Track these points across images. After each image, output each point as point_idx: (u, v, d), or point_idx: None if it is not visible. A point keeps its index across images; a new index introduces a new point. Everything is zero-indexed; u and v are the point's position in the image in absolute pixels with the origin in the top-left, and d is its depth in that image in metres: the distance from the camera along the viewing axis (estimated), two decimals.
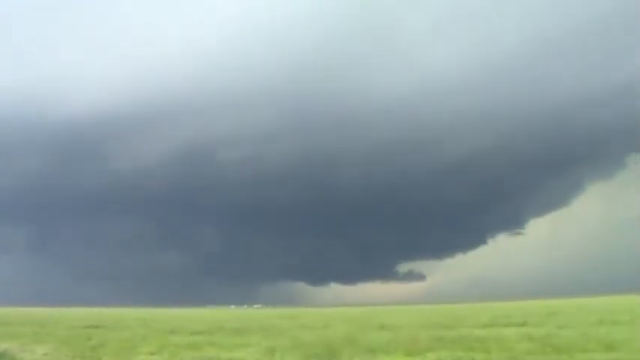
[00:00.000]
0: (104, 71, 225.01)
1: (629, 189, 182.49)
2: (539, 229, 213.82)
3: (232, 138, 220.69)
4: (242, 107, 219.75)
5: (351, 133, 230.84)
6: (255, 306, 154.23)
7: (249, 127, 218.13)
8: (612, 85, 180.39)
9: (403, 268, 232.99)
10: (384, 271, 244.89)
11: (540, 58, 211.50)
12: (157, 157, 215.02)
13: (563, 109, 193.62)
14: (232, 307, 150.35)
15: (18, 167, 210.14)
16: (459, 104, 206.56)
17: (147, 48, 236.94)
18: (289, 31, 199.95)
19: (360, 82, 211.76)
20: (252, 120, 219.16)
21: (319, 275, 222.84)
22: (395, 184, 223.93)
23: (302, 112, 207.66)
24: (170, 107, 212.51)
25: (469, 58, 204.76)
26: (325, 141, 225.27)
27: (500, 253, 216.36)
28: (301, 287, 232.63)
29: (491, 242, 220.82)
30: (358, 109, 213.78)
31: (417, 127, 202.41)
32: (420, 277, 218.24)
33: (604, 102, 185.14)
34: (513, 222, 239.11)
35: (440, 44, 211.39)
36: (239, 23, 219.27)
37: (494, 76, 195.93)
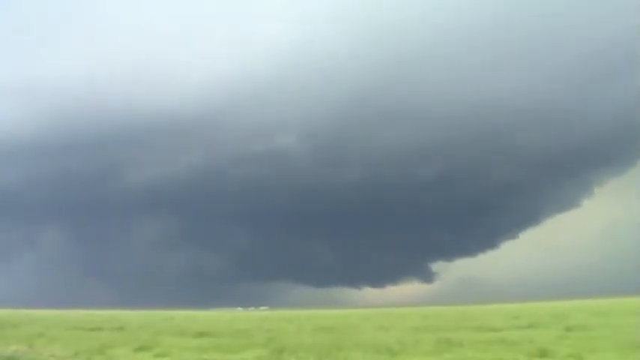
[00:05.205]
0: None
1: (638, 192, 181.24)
2: (543, 234, 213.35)
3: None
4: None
5: (357, 135, 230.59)
6: (262, 308, 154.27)
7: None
8: (619, 95, 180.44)
9: (411, 272, 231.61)
10: (390, 275, 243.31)
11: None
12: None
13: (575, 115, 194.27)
14: (239, 309, 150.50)
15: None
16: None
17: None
18: None
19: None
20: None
21: (322, 278, 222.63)
22: (405, 185, 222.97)
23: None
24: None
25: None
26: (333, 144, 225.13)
27: (509, 256, 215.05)
28: (305, 289, 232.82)
29: (501, 245, 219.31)
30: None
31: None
32: (429, 278, 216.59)
33: (610, 110, 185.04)
34: (517, 228, 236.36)
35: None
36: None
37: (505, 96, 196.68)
